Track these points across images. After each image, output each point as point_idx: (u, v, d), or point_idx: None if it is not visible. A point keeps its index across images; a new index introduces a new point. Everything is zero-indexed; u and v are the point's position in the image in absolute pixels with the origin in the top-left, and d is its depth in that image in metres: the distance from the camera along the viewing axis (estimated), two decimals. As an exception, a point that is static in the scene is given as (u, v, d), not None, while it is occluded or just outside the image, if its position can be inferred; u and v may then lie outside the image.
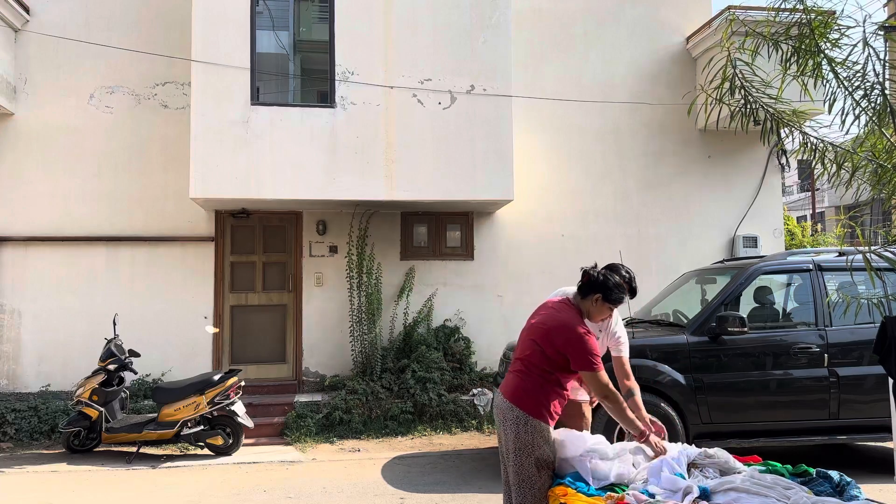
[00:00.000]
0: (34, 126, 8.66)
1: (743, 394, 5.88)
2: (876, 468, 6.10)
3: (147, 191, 8.76)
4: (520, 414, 3.36)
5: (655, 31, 9.86)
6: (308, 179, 7.88)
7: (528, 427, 3.33)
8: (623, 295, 3.52)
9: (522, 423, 3.35)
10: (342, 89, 7.95)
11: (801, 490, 2.89)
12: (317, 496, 5.70)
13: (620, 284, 3.53)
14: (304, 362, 8.97)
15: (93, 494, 5.86)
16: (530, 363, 3.45)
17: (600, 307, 3.53)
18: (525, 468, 3.33)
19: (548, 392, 3.42)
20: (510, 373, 3.56)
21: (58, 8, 8.74)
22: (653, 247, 9.62)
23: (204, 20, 7.75)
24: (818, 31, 3.37)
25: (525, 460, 3.33)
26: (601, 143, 9.65)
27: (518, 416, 3.36)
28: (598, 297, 3.50)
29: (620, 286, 3.53)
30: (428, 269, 9.26)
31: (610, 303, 3.52)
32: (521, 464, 3.34)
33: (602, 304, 3.51)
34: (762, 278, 6.39)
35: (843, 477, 3.11)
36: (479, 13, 8.23)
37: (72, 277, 8.61)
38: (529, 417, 3.35)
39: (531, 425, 3.34)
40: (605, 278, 3.50)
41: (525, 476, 3.33)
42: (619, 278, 3.58)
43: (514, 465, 3.36)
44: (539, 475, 3.32)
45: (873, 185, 3.57)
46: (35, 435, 7.69)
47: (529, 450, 3.33)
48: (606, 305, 3.53)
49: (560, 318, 3.46)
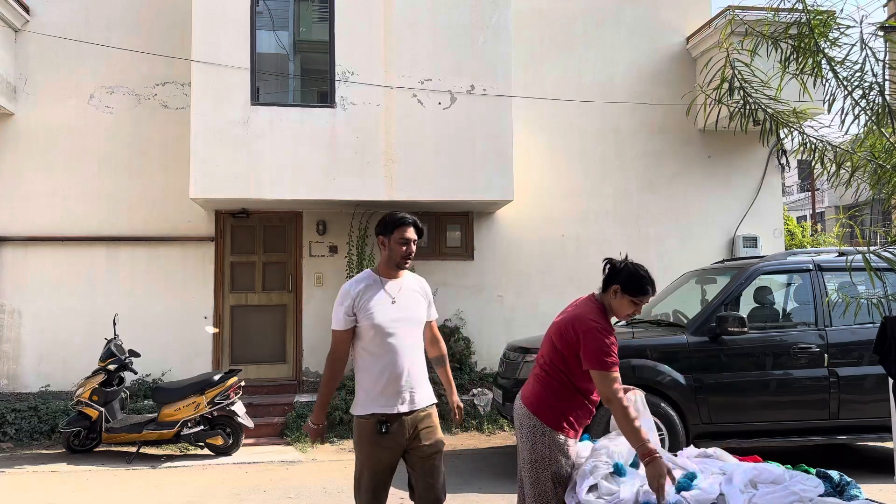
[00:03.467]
0: (34, 126, 8.66)
1: (743, 394, 5.88)
2: (876, 468, 6.10)
3: (147, 191, 8.77)
4: (537, 423, 3.12)
5: (655, 31, 9.86)
6: (308, 179, 7.88)
7: (545, 439, 3.09)
8: (648, 288, 3.15)
9: (540, 434, 3.10)
10: (342, 89, 7.94)
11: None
12: (317, 496, 5.69)
13: (644, 276, 3.17)
14: (304, 362, 8.96)
15: (93, 494, 5.86)
16: (550, 366, 3.19)
17: (620, 300, 3.16)
18: (541, 482, 3.09)
19: (569, 401, 3.15)
20: (531, 376, 3.32)
21: (58, 8, 8.74)
22: (653, 247, 9.61)
23: (204, 20, 7.75)
24: (817, 31, 3.37)
25: (542, 474, 3.09)
26: (601, 143, 9.65)
27: (535, 425, 3.13)
28: (616, 287, 3.16)
29: (644, 278, 3.16)
30: (428, 269, 9.25)
31: (631, 295, 3.14)
32: (538, 477, 3.10)
33: (622, 297, 3.15)
34: (762, 278, 6.39)
35: (843, 477, 3.11)
36: (479, 13, 8.23)
37: (72, 277, 8.61)
38: (547, 428, 3.10)
39: (549, 437, 3.09)
40: (627, 266, 3.18)
41: (541, 491, 3.10)
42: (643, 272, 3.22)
43: (530, 477, 3.13)
44: (555, 491, 3.08)
45: (873, 185, 3.57)
46: (35, 435, 7.69)
47: (546, 463, 3.09)
48: (627, 299, 3.15)
49: (576, 312, 3.17)
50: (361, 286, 3.27)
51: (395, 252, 3.28)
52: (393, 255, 3.29)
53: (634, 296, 3.15)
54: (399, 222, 3.28)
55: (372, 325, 3.20)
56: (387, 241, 3.30)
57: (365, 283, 3.29)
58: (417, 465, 3.35)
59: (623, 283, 3.15)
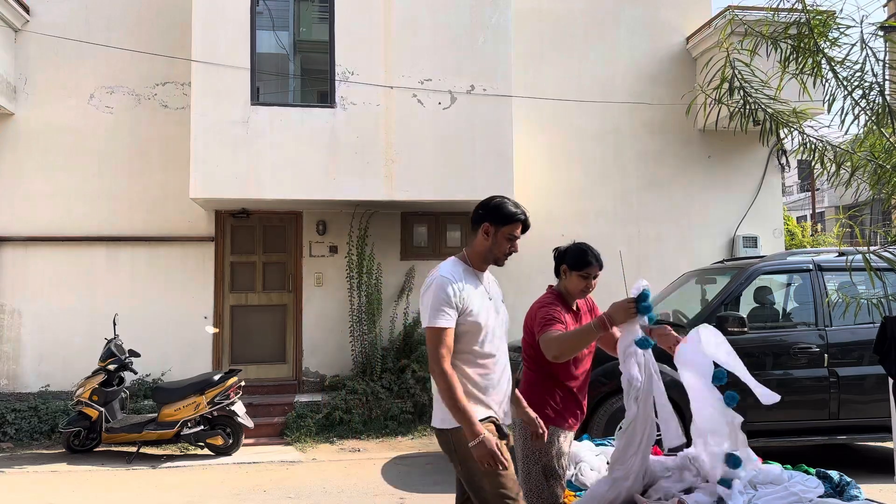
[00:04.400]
0: (34, 126, 8.66)
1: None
2: (876, 468, 6.09)
3: (147, 191, 8.76)
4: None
5: (655, 31, 9.86)
6: (308, 179, 7.88)
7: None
8: (591, 259, 3.19)
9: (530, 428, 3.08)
10: (342, 89, 7.95)
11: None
12: (317, 496, 5.69)
13: (586, 250, 3.22)
14: (304, 362, 8.97)
15: (93, 494, 5.86)
16: (526, 359, 3.26)
17: (570, 278, 3.22)
18: (532, 476, 3.09)
19: (546, 389, 3.17)
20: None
21: (58, 8, 8.74)
22: (653, 247, 9.61)
23: (204, 20, 7.75)
24: (817, 31, 3.37)
25: (532, 468, 3.10)
26: (601, 143, 9.65)
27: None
28: (564, 268, 3.25)
29: (585, 251, 3.22)
30: (428, 268, 9.17)
31: (577, 270, 3.19)
32: (529, 472, 3.10)
33: (571, 275, 3.21)
34: (762, 278, 6.38)
35: (843, 477, 3.12)
36: (478, 13, 8.23)
37: (72, 277, 8.61)
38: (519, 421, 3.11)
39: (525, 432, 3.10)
40: (570, 246, 3.28)
41: (532, 485, 3.08)
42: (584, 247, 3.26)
43: (522, 474, 3.12)
44: (548, 484, 3.07)
45: (872, 184, 3.57)
46: (35, 435, 7.70)
47: (536, 457, 3.09)
48: (575, 274, 3.20)
49: (533, 303, 3.26)
50: (460, 269, 2.87)
51: (500, 246, 2.90)
52: (496, 249, 2.90)
53: (581, 269, 3.20)
54: (514, 217, 2.91)
55: (476, 322, 2.79)
56: (494, 231, 2.88)
57: (462, 269, 2.88)
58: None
59: (568, 262, 3.24)
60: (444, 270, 2.82)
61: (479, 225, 2.90)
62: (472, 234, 2.95)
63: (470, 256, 2.94)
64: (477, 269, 2.93)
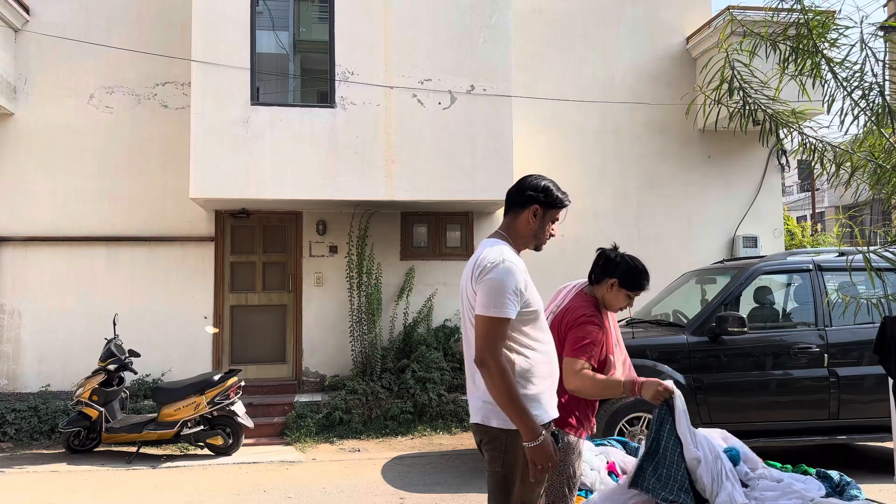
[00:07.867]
0: (34, 126, 8.66)
1: (743, 394, 5.88)
2: (876, 468, 6.09)
3: (147, 191, 8.77)
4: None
5: (655, 31, 9.86)
6: (308, 179, 7.88)
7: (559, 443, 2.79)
8: (645, 283, 3.07)
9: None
10: (342, 89, 7.95)
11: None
12: (317, 496, 5.70)
13: (642, 271, 3.08)
14: (304, 362, 8.97)
15: (93, 494, 5.86)
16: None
17: (616, 294, 3.08)
18: (556, 488, 2.93)
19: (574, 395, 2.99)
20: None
21: (58, 8, 8.74)
22: (653, 247, 9.61)
23: (204, 20, 7.75)
24: (816, 32, 3.38)
25: (555, 479, 2.91)
26: (601, 143, 9.66)
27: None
28: (613, 281, 3.07)
29: (642, 272, 3.07)
30: (428, 269, 9.26)
31: (627, 289, 3.06)
32: (552, 484, 2.91)
33: (619, 291, 3.07)
34: (762, 278, 6.39)
35: (843, 477, 3.12)
36: (478, 13, 8.23)
37: (72, 277, 8.62)
38: (559, 430, 2.87)
39: (563, 441, 2.90)
40: (625, 259, 3.09)
41: (555, 497, 2.94)
42: (640, 266, 3.12)
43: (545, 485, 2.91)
44: (570, 496, 2.95)
45: (872, 185, 3.57)
46: (35, 435, 7.70)
47: (561, 468, 2.90)
48: (624, 293, 3.07)
49: (569, 306, 3.08)
50: (514, 252, 2.67)
51: (544, 231, 2.77)
52: (540, 233, 2.76)
53: (632, 290, 3.09)
54: (563, 202, 2.76)
55: (537, 311, 2.63)
56: (543, 214, 2.73)
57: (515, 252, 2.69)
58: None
59: (620, 278, 3.07)
60: (508, 254, 2.58)
61: (526, 206, 2.71)
62: (510, 216, 2.76)
63: (513, 238, 2.73)
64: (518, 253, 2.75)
